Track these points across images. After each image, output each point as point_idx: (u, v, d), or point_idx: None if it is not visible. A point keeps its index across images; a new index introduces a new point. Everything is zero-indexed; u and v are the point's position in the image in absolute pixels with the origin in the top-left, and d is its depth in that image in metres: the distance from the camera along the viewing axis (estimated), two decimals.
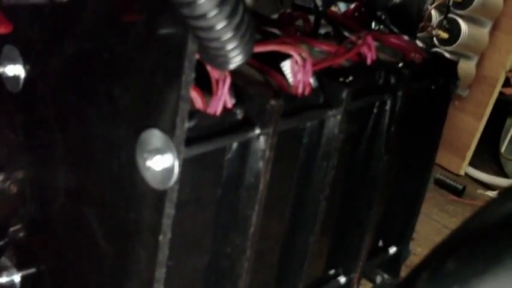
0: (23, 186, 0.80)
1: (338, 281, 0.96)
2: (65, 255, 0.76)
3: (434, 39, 2.00)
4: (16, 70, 0.74)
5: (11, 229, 0.84)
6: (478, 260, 0.43)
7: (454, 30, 1.98)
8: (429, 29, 1.96)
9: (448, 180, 1.92)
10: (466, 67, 2.00)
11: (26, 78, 0.74)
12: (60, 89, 0.70)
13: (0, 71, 0.74)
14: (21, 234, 0.83)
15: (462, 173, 2.03)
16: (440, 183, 1.92)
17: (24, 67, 0.73)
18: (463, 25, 1.97)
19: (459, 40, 1.97)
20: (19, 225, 0.83)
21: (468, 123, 2.01)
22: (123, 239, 0.64)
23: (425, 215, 1.13)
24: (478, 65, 2.07)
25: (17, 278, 0.84)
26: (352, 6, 1.01)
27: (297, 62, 0.71)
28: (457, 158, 2.02)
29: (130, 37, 0.59)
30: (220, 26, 0.50)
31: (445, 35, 1.99)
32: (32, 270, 0.82)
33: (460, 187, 1.90)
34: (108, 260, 0.67)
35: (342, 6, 1.09)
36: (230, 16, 0.50)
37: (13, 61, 0.74)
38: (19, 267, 0.84)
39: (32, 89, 0.73)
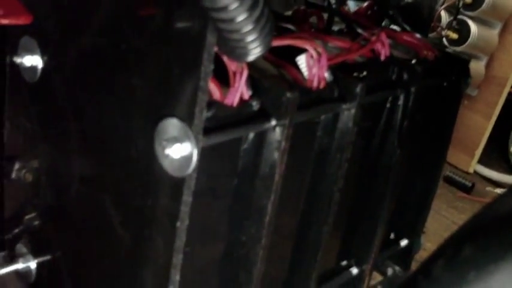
0: (38, 175, 0.81)
1: (350, 272, 0.97)
2: (80, 243, 0.77)
3: (444, 39, 2.00)
4: (34, 61, 0.75)
5: (27, 217, 0.85)
6: (495, 246, 0.44)
7: (463, 31, 1.99)
8: (439, 29, 1.96)
9: (457, 178, 1.93)
10: (476, 67, 2.01)
11: (43, 69, 0.75)
12: (77, 79, 0.71)
13: (18, 62, 0.75)
14: (37, 222, 0.84)
15: (471, 170, 2.04)
16: (449, 180, 1.92)
17: (42, 58, 0.74)
18: (472, 26, 1.98)
19: (468, 41, 1.97)
20: (34, 213, 0.84)
21: (477, 122, 2.02)
22: (140, 225, 0.65)
23: (435, 211, 1.14)
24: (488, 65, 2.07)
25: (33, 264, 0.86)
26: (365, 4, 1.01)
27: (312, 56, 0.72)
28: (467, 156, 2.03)
29: (149, 30, 0.60)
30: (241, 18, 0.51)
31: (454, 36, 1.99)
32: (47, 257, 0.83)
33: (469, 184, 1.91)
34: (125, 246, 0.68)
35: (352, 5, 1.10)
36: (251, 9, 0.51)
37: (31, 52, 0.75)
38: (35, 254, 0.85)
39: (49, 79, 0.74)
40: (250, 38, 0.53)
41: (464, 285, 0.45)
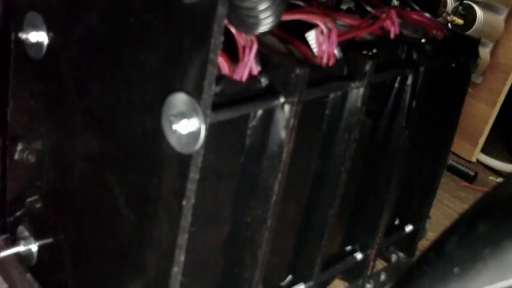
0: (41, 156, 0.80)
1: (354, 257, 0.96)
2: (83, 223, 0.76)
3: (449, 24, 1.99)
4: (39, 37, 0.74)
5: (29, 199, 0.84)
6: (509, 222, 0.43)
7: (469, 16, 1.97)
8: (444, 14, 1.94)
9: (460, 167, 1.92)
10: (481, 53, 1.99)
11: (48, 45, 0.74)
12: (83, 56, 0.70)
13: (24, 38, 0.74)
14: (39, 204, 0.83)
15: (474, 159, 2.02)
16: (452, 169, 1.91)
17: (48, 34, 0.73)
18: (478, 11, 1.96)
19: (474, 26, 1.95)
20: (37, 195, 0.83)
21: (481, 110, 2.00)
22: (146, 204, 0.64)
23: (437, 200, 1.13)
24: (493, 52, 2.06)
25: (34, 247, 0.85)
26: None
27: (322, 32, 0.70)
28: (469, 145, 2.02)
29: (157, 2, 0.59)
30: None
31: (460, 21, 1.98)
32: (49, 240, 0.82)
33: (472, 173, 1.89)
34: (129, 226, 0.67)
35: None
36: None
37: (36, 28, 0.74)
38: (36, 237, 0.85)
39: (54, 56, 0.73)
40: (262, 6, 0.52)
41: (479, 261, 0.44)
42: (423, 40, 0.87)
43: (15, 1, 0.76)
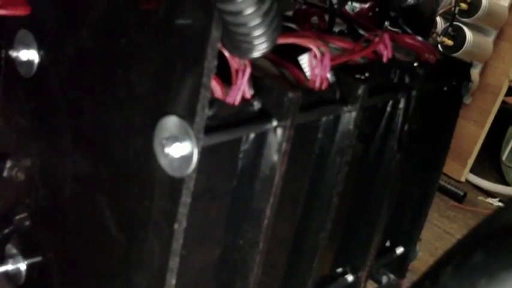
0: (31, 174, 0.80)
1: (345, 279, 0.96)
2: (73, 243, 0.75)
3: (439, 46, 2.00)
4: (30, 55, 0.73)
5: (17, 217, 0.84)
6: (506, 253, 0.43)
7: (459, 38, 1.98)
8: (434, 35, 1.96)
9: (449, 186, 1.92)
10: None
11: (39, 64, 0.73)
12: (74, 75, 0.69)
13: (14, 56, 0.74)
14: (28, 222, 0.82)
15: (463, 179, 2.03)
16: (441, 189, 1.92)
17: (39, 52, 0.73)
18: (468, 33, 1.98)
19: (464, 47, 1.97)
20: (25, 213, 0.82)
21: (470, 131, 2.01)
22: (136, 227, 0.63)
23: (426, 219, 1.13)
24: (482, 73, 2.07)
25: (22, 266, 0.84)
26: (367, 5, 1.00)
27: (315, 55, 0.70)
28: (459, 165, 2.03)
29: (150, 24, 0.59)
30: (249, 11, 0.50)
31: (450, 42, 1.99)
32: (38, 259, 0.82)
33: (461, 193, 1.90)
34: (119, 248, 0.67)
35: (349, 7, 1.09)
36: (259, 2, 0.50)
37: (27, 46, 0.73)
38: (25, 255, 0.84)
39: (45, 75, 0.73)
40: (257, 32, 0.52)
41: None
42: (416, 64, 0.87)
43: (5, 18, 0.76)
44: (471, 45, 1.97)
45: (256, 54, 0.55)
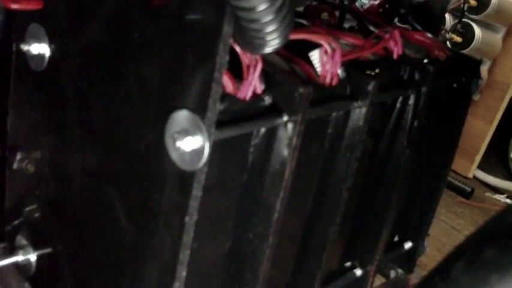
0: (41, 166, 0.80)
1: (354, 274, 0.96)
2: (83, 235, 0.75)
3: (448, 43, 2.00)
4: (41, 49, 0.74)
5: (27, 208, 0.84)
6: None
7: (467, 35, 1.98)
8: (443, 32, 1.95)
9: (456, 182, 1.92)
10: None
11: (50, 57, 0.74)
12: (85, 69, 0.70)
13: (25, 49, 0.74)
14: (38, 214, 0.83)
15: (471, 175, 2.03)
16: (449, 185, 1.92)
17: (50, 46, 0.73)
18: (477, 30, 1.97)
19: (472, 44, 1.97)
20: (35, 205, 0.83)
21: (478, 127, 2.01)
22: (147, 219, 0.64)
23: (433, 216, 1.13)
24: (490, 70, 2.07)
25: (33, 257, 0.85)
26: (377, 2, 1.01)
27: (326, 51, 0.70)
28: (466, 161, 2.02)
29: (163, 19, 0.59)
30: (262, 7, 0.50)
31: (458, 39, 1.99)
32: (48, 250, 0.82)
33: (469, 189, 1.90)
34: (129, 240, 0.67)
35: (358, 3, 1.09)
36: None
37: (38, 40, 0.74)
38: (35, 246, 0.84)
39: (56, 68, 0.73)
40: (269, 28, 0.52)
41: (486, 287, 0.44)
42: (425, 60, 0.87)
43: (17, 12, 0.76)
44: (480, 42, 1.97)
45: (269, 50, 0.55)
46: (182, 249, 0.61)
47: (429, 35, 0.92)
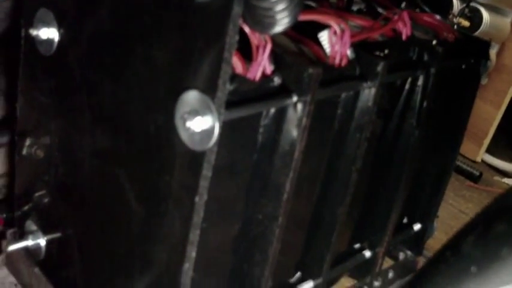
0: (50, 151, 0.80)
1: (363, 255, 0.97)
2: (92, 218, 0.76)
3: (456, 27, 1.98)
4: (50, 33, 0.74)
5: (37, 194, 0.84)
6: None
7: (475, 19, 1.97)
8: (450, 16, 1.94)
9: (465, 166, 1.91)
10: None
11: (59, 42, 0.74)
12: (94, 52, 0.70)
13: (34, 34, 0.74)
14: (47, 199, 0.83)
15: (479, 159, 2.02)
16: (457, 169, 1.91)
17: (59, 30, 0.73)
18: (484, 13, 1.96)
19: (480, 28, 1.95)
20: (45, 190, 0.83)
21: (486, 111, 2.00)
22: (157, 200, 0.64)
23: (442, 199, 1.13)
24: (499, 54, 2.05)
25: (42, 241, 0.85)
26: None
27: (335, 32, 0.70)
28: (474, 145, 2.01)
29: (173, 0, 0.59)
30: None
31: (466, 23, 1.97)
32: (57, 234, 0.83)
33: (477, 173, 1.89)
34: (140, 222, 0.67)
35: None
36: None
37: (47, 24, 0.74)
38: (45, 231, 0.85)
39: (65, 53, 0.74)
40: (280, 7, 0.52)
41: (496, 261, 0.44)
42: (434, 42, 0.87)
43: None
44: (488, 26, 1.95)
45: (279, 28, 0.55)
46: (192, 229, 0.61)
47: (437, 16, 0.92)
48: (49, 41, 0.74)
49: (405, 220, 1.07)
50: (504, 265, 0.44)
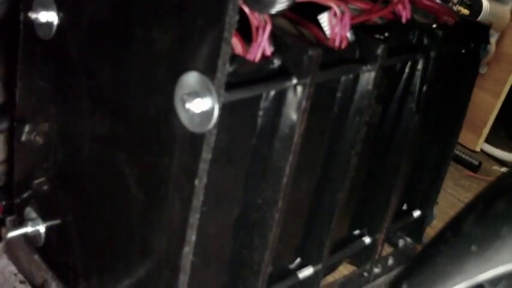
0: (49, 137, 0.80)
1: (363, 241, 0.96)
2: (92, 204, 0.76)
3: None
4: (49, 17, 0.74)
5: (36, 181, 0.84)
6: None
7: (475, 7, 1.96)
8: (450, 4, 1.94)
9: (464, 156, 1.91)
10: None
11: (58, 25, 0.73)
12: (94, 35, 0.70)
13: (33, 18, 0.74)
14: (46, 185, 0.83)
15: (478, 149, 2.02)
16: (456, 159, 1.91)
17: (58, 14, 0.73)
18: (484, 1, 1.95)
19: (480, 16, 1.94)
20: (44, 177, 0.83)
21: (486, 100, 2.00)
22: (157, 184, 0.64)
23: (441, 188, 1.13)
24: (498, 42, 2.05)
25: (42, 228, 0.85)
26: None
27: (335, 14, 0.70)
28: (474, 135, 2.01)
29: None
30: None
31: (466, 11, 1.97)
32: (57, 221, 0.83)
33: (476, 163, 1.89)
34: (140, 206, 0.67)
35: None
36: None
37: (46, 7, 0.73)
38: (44, 218, 0.85)
39: (64, 36, 0.73)
40: None
41: (497, 240, 0.44)
42: (434, 25, 0.87)
43: None
44: (487, 14, 1.94)
45: (279, 7, 0.55)
46: (192, 212, 0.61)
47: (438, 0, 0.91)
48: (48, 25, 0.74)
49: (405, 207, 1.07)
50: (504, 244, 0.43)
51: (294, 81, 0.65)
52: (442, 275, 0.47)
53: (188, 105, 0.57)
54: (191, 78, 0.57)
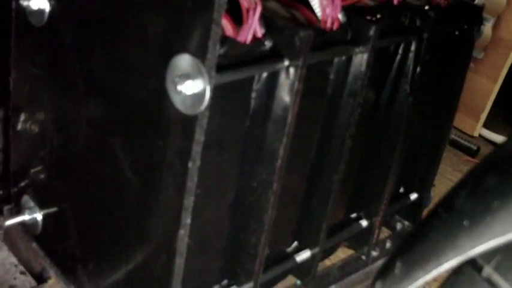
0: (44, 125, 0.80)
1: (360, 225, 0.97)
2: (88, 190, 0.76)
3: None
4: (41, 4, 0.74)
5: (32, 169, 0.84)
6: None
7: None
8: None
9: (462, 141, 1.91)
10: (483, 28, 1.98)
11: (50, 12, 0.73)
12: (85, 21, 0.70)
13: (25, 5, 0.74)
14: (43, 174, 0.83)
15: (476, 134, 2.02)
16: (454, 144, 1.91)
17: (49, 0, 0.73)
18: None
19: (476, 1, 1.94)
20: (40, 165, 0.83)
21: (483, 85, 2.00)
22: (151, 168, 0.64)
23: (440, 174, 1.13)
24: (495, 27, 2.04)
25: (39, 216, 0.85)
26: None
27: None
28: (472, 120, 2.01)
29: None
30: None
31: None
32: (54, 208, 0.83)
33: (474, 148, 1.89)
34: (135, 191, 0.67)
35: None
36: None
37: None
38: (41, 206, 0.85)
39: (56, 23, 0.73)
40: None
41: (488, 214, 0.44)
42: (427, 7, 0.86)
43: None
44: None
45: None
46: (186, 195, 0.61)
47: None
48: (40, 12, 0.74)
49: (402, 190, 1.07)
50: (495, 218, 0.43)
51: (286, 62, 0.65)
52: (435, 251, 0.47)
53: (180, 88, 0.57)
54: (182, 61, 0.57)
